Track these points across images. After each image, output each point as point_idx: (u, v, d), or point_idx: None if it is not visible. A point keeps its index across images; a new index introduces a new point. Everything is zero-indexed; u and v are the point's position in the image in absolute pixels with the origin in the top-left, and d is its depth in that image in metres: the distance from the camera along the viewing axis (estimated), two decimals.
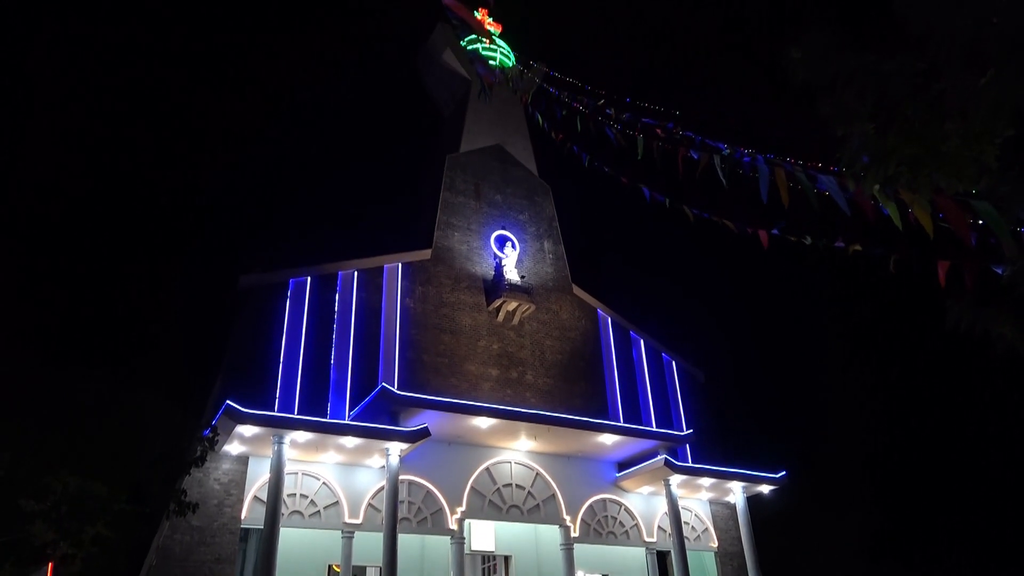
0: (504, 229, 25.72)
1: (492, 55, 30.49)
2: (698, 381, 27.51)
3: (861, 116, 4.16)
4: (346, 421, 18.56)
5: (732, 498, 23.08)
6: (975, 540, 31.36)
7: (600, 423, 20.99)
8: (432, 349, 22.11)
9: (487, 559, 21.01)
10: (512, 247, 25.23)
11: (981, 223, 5.96)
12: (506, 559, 21.08)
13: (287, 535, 16.93)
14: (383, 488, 17.70)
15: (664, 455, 20.83)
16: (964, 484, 33.31)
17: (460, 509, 19.14)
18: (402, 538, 17.46)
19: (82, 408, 10.50)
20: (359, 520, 18.01)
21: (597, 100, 17.07)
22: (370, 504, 18.34)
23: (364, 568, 18.73)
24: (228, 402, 16.15)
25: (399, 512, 17.34)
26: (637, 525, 21.91)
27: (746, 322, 57.63)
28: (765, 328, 53.26)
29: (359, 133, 66.75)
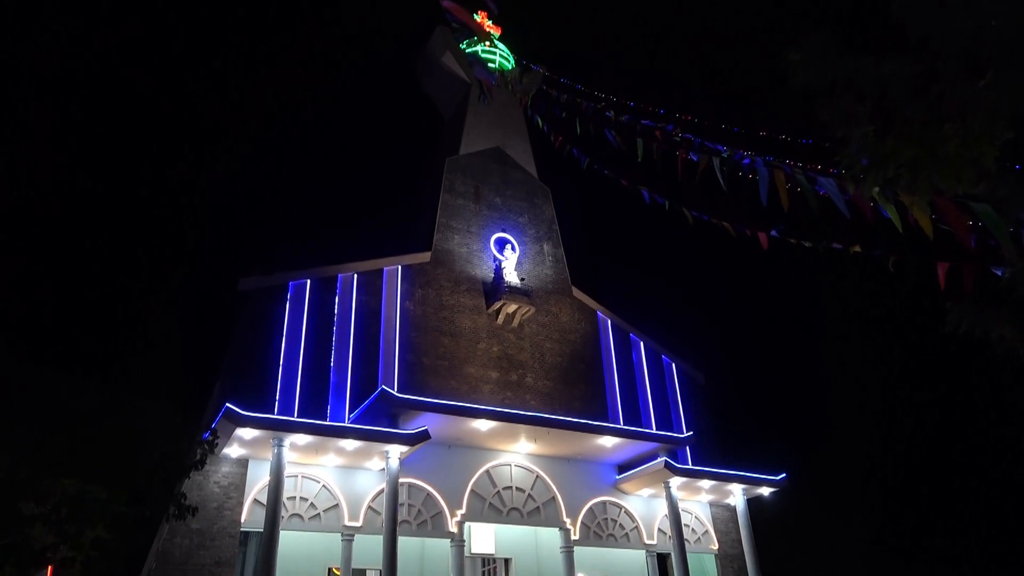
0: (504, 231, 25.72)
1: (492, 58, 30.54)
2: (698, 383, 27.50)
3: (860, 119, 4.16)
4: (346, 424, 18.55)
5: (732, 500, 23.06)
6: (976, 542, 31.33)
7: (600, 425, 20.98)
8: (432, 352, 22.11)
9: (487, 562, 20.99)
10: (512, 249, 25.23)
11: (980, 225, 5.96)
12: (506, 562, 21.05)
13: (287, 538, 16.90)
14: (383, 491, 17.69)
15: (664, 457, 20.83)
16: (965, 486, 33.29)
17: (460, 512, 19.12)
18: (402, 541, 17.44)
19: (81, 411, 10.48)
20: (359, 523, 17.99)
21: (597, 103, 17.09)
22: (370, 507, 18.32)
23: (364, 571, 18.69)
24: (228, 405, 16.13)
25: (399, 515, 17.32)
26: (637, 527, 21.89)
27: (746, 324, 57.64)
28: (765, 330, 53.25)
29: (359, 136, 66.80)
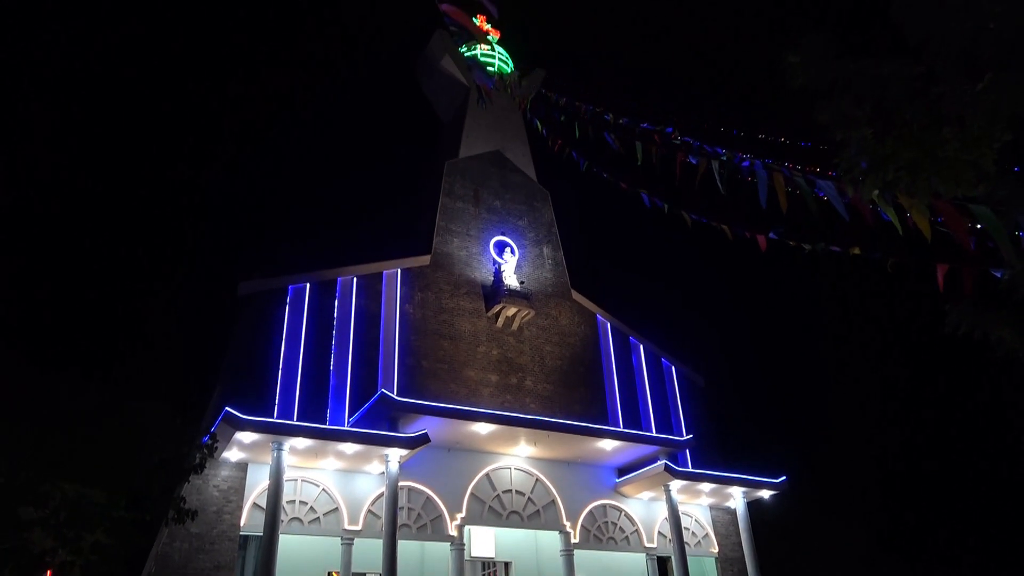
0: (503, 235, 25.73)
1: (491, 61, 30.58)
2: (698, 386, 27.49)
3: (859, 121, 4.17)
4: (345, 427, 18.53)
5: (733, 503, 23.03)
6: (977, 543, 31.30)
7: (600, 428, 20.96)
8: (431, 355, 22.10)
9: (487, 565, 20.94)
10: (511, 253, 25.23)
11: (980, 227, 5.97)
12: (506, 565, 21.01)
13: (286, 542, 16.86)
14: (383, 494, 17.66)
15: (664, 460, 20.80)
16: (965, 487, 33.27)
17: (460, 515, 19.09)
18: (402, 545, 17.41)
19: (80, 412, 10.46)
20: (359, 527, 17.96)
21: (596, 106, 17.11)
22: (370, 510, 18.29)
23: (364, 575, 18.66)
24: (227, 408, 16.12)
25: (399, 518, 17.30)
26: (637, 531, 21.86)
27: (746, 327, 57.63)
28: (765, 333, 53.26)
29: (358, 139, 66.87)
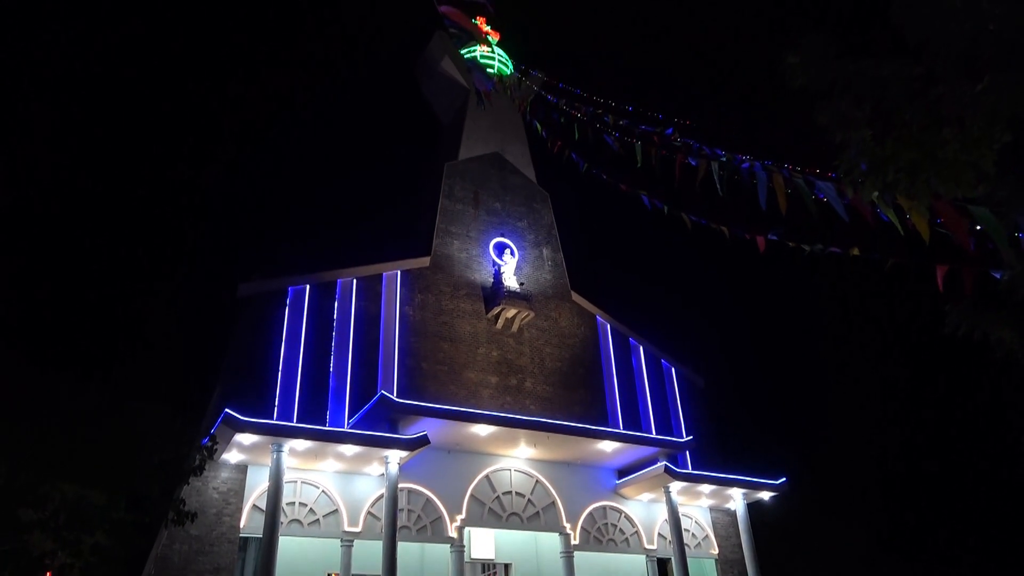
0: (503, 236, 25.73)
1: (490, 63, 30.58)
2: (698, 387, 27.49)
3: (859, 122, 4.17)
4: (345, 429, 18.52)
5: (733, 505, 23.02)
6: (977, 543, 31.28)
7: (600, 430, 20.96)
8: (431, 356, 22.09)
9: (487, 567, 20.92)
10: (511, 254, 25.23)
11: (979, 228, 5.97)
12: (506, 567, 20.98)
13: (286, 544, 16.85)
14: (382, 496, 17.65)
15: (664, 462, 20.80)
16: (965, 488, 33.26)
17: (460, 517, 19.08)
18: (402, 546, 17.38)
19: (80, 415, 10.45)
20: (358, 528, 17.95)
21: (595, 107, 17.13)
22: (369, 512, 18.28)
23: None
24: (227, 410, 16.11)
25: (399, 520, 17.28)
26: (637, 532, 21.84)
27: (745, 328, 57.62)
28: (764, 334, 53.26)
29: (358, 140, 66.89)
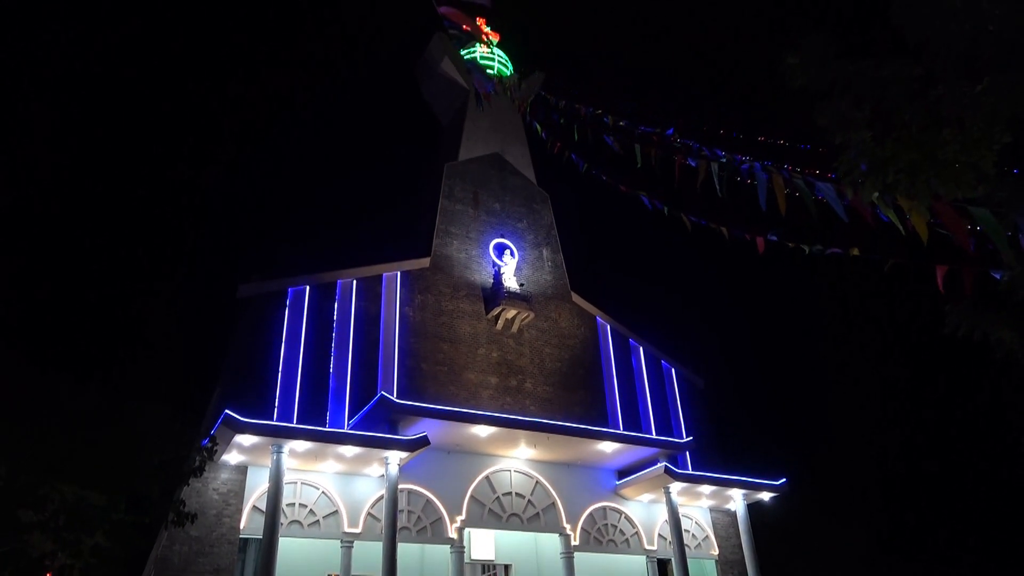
0: (503, 237, 25.73)
1: (490, 64, 30.59)
2: (698, 388, 27.48)
3: (859, 123, 4.17)
4: (345, 430, 18.51)
5: (733, 505, 23.01)
6: (977, 543, 31.27)
7: (600, 431, 20.95)
8: (431, 357, 22.08)
9: (487, 568, 20.91)
10: (511, 255, 25.23)
11: (979, 229, 5.97)
12: (506, 568, 20.97)
13: (286, 545, 16.84)
14: (382, 497, 17.64)
15: (664, 463, 20.79)
16: (966, 488, 33.25)
17: (460, 518, 19.07)
18: (402, 547, 17.37)
19: (80, 416, 10.44)
20: (358, 529, 17.94)
21: (595, 108, 17.13)
22: (369, 513, 18.28)
23: None
24: (227, 411, 16.11)
25: (399, 521, 17.27)
26: (637, 533, 21.83)
27: (745, 329, 57.65)
28: (764, 334, 53.27)
29: (358, 141, 66.89)
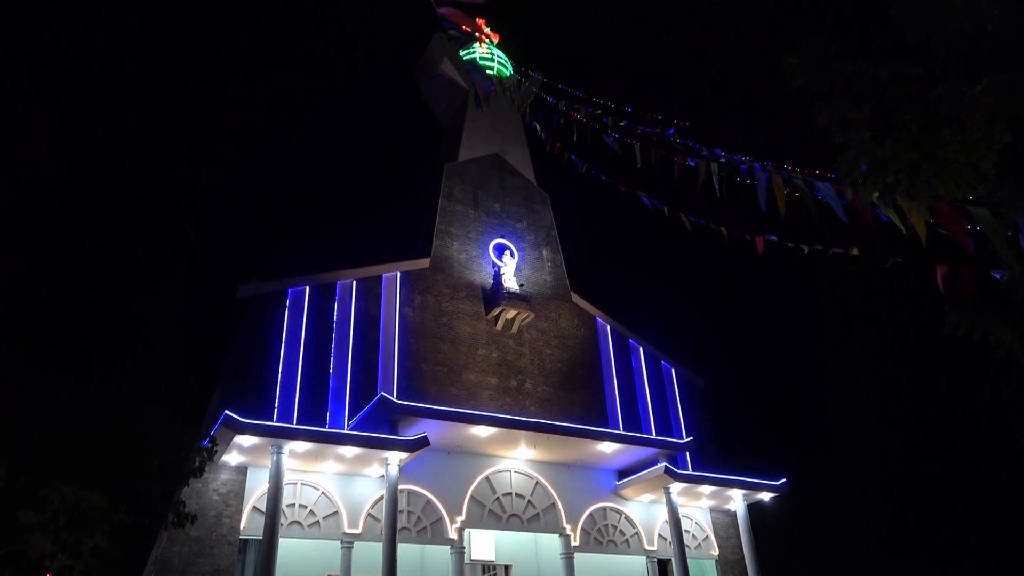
0: (503, 238, 25.73)
1: (489, 64, 30.58)
2: (698, 388, 27.48)
3: (859, 123, 4.17)
4: (345, 431, 18.51)
5: (733, 506, 23.01)
6: (977, 544, 31.27)
7: (600, 431, 20.95)
8: (431, 358, 22.08)
9: (487, 569, 20.91)
10: (511, 255, 25.23)
11: (979, 229, 5.98)
12: (506, 568, 20.97)
13: (286, 545, 16.84)
14: (382, 498, 17.64)
15: (664, 463, 20.79)
16: (966, 488, 33.24)
17: (460, 518, 19.07)
18: (402, 548, 17.37)
19: (80, 417, 10.44)
20: (358, 530, 17.93)
21: (595, 108, 17.13)
22: (369, 514, 18.27)
23: None
24: (227, 412, 16.11)
25: (399, 522, 17.27)
26: (638, 533, 21.83)
27: (745, 329, 57.67)
28: (764, 335, 53.28)
29: (358, 141, 66.91)
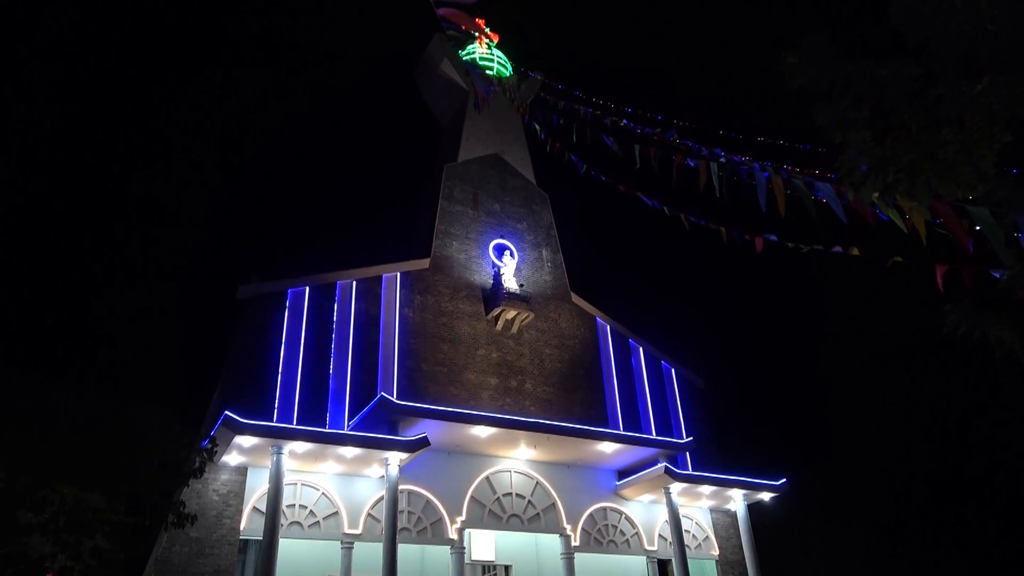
0: (502, 238, 25.73)
1: (489, 65, 30.58)
2: (698, 388, 27.47)
3: (858, 123, 4.16)
4: (345, 431, 18.51)
5: (733, 506, 23.00)
6: (978, 545, 31.26)
7: (600, 431, 20.94)
8: (431, 358, 22.07)
9: (487, 569, 20.90)
10: (511, 256, 25.23)
11: (979, 229, 5.98)
12: (507, 569, 20.96)
13: (286, 546, 16.82)
14: (383, 498, 17.63)
15: (664, 463, 20.78)
16: (966, 488, 33.24)
17: (460, 519, 19.06)
18: (402, 548, 17.37)
19: (80, 418, 10.44)
20: (359, 530, 17.93)
21: (594, 108, 17.14)
22: (370, 514, 18.27)
23: None
24: (227, 412, 16.10)
25: (399, 522, 17.26)
26: (638, 533, 21.82)
27: (745, 329, 57.68)
28: (764, 334, 53.27)
29: (357, 142, 66.92)
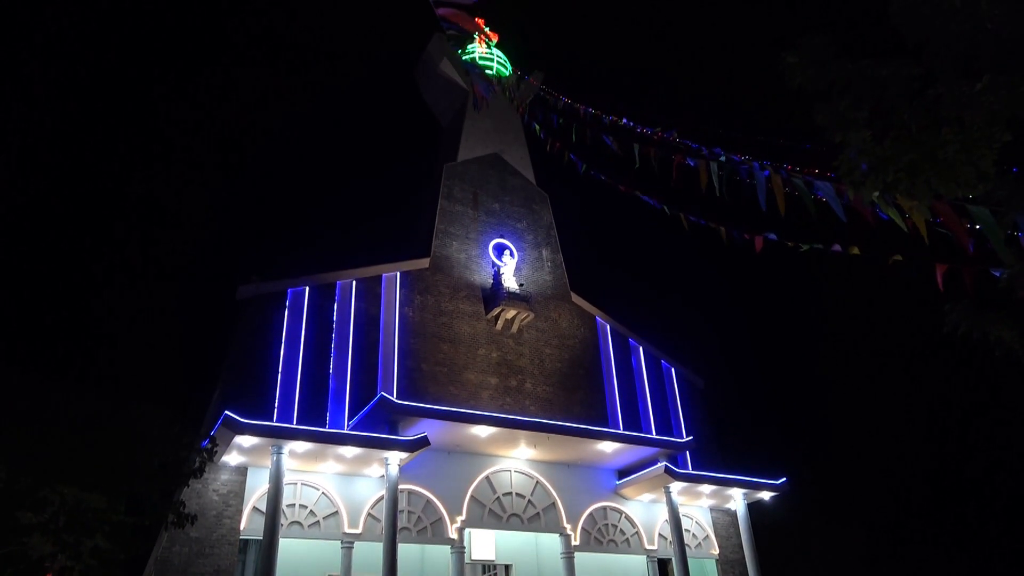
0: (502, 237, 25.73)
1: (489, 64, 30.57)
2: (698, 388, 27.48)
3: (858, 123, 4.16)
4: (345, 431, 18.51)
5: (733, 505, 23.01)
6: (978, 544, 31.27)
7: (600, 431, 20.94)
8: (431, 358, 22.08)
9: (488, 568, 20.91)
10: (510, 255, 25.23)
11: (978, 228, 5.98)
12: (507, 568, 20.97)
13: (286, 546, 16.83)
14: (383, 498, 17.64)
15: (664, 462, 20.79)
16: (966, 487, 33.25)
17: (460, 518, 19.07)
18: (402, 548, 17.38)
19: (80, 418, 10.44)
20: (359, 530, 17.93)
21: (594, 108, 17.14)
22: (370, 514, 18.27)
23: None
24: (226, 412, 16.10)
25: (399, 522, 17.27)
26: (638, 533, 21.83)
27: (745, 328, 57.70)
28: (764, 334, 53.27)
29: (357, 142, 66.90)
